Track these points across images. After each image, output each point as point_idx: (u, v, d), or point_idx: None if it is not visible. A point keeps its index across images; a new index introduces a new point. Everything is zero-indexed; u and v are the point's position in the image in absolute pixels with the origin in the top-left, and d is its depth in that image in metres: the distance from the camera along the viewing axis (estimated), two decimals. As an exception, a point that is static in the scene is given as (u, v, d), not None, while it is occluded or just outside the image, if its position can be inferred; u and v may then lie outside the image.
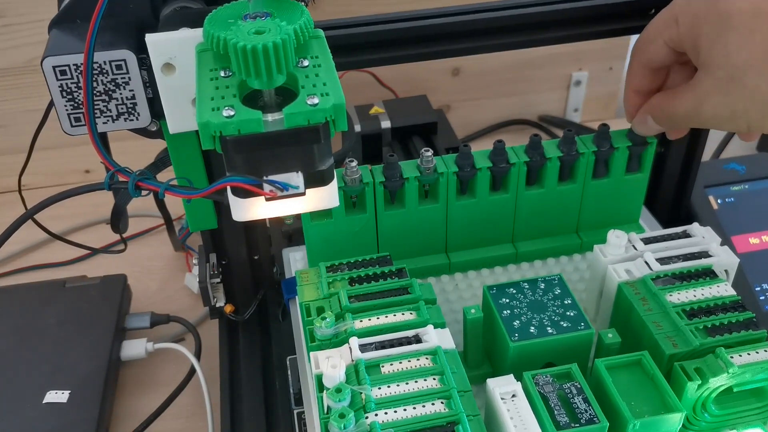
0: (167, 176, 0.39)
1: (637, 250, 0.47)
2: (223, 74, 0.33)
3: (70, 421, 0.53)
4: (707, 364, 0.39)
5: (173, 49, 0.37)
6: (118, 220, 0.47)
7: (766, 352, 0.39)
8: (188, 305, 0.67)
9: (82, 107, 0.40)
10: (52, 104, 0.40)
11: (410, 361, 0.39)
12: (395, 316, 0.41)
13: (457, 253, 0.53)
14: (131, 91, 0.40)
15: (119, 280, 0.64)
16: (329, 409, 0.36)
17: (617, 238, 0.47)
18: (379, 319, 0.41)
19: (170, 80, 0.39)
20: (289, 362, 0.53)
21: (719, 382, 0.38)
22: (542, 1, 0.49)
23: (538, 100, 0.90)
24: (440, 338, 0.40)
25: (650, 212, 0.59)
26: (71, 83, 0.39)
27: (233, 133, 0.31)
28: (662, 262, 0.46)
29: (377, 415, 0.36)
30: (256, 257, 0.57)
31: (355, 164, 0.48)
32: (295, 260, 0.56)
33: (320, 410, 0.36)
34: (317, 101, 0.31)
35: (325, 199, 0.35)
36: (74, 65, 0.38)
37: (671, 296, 0.43)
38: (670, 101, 0.46)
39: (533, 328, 0.43)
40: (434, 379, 0.38)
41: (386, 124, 0.75)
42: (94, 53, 0.36)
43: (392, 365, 0.39)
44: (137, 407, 0.58)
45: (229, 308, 0.57)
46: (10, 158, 0.79)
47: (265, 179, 0.33)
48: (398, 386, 0.38)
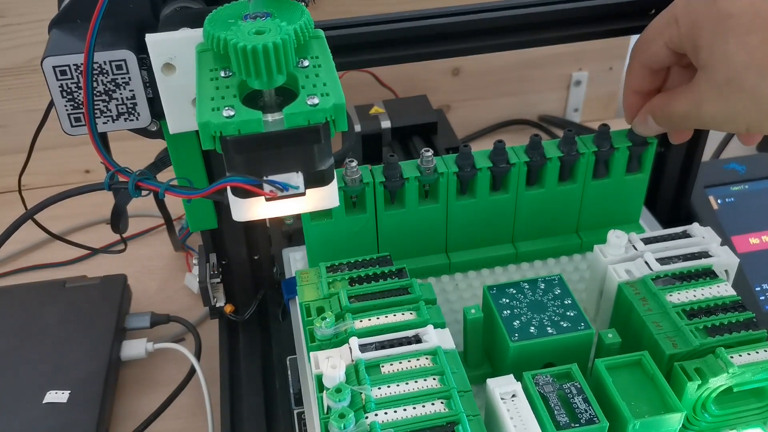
0: (167, 176, 0.39)
1: (637, 250, 0.47)
2: (223, 74, 0.33)
3: (70, 421, 0.53)
4: (707, 364, 0.39)
5: (173, 49, 0.37)
6: (118, 220, 0.47)
7: (766, 352, 0.39)
8: (188, 305, 0.67)
9: (82, 107, 0.39)
10: (52, 104, 0.40)
11: (410, 361, 0.39)
12: (395, 316, 0.41)
13: (457, 253, 0.53)
14: (131, 91, 0.40)
15: (119, 280, 0.64)
16: (329, 409, 0.36)
17: (617, 238, 0.47)
18: (379, 319, 0.41)
19: (170, 80, 0.38)
20: (289, 362, 0.53)
21: (719, 382, 0.38)
22: (542, 1, 0.49)
23: (538, 100, 0.90)
24: (440, 338, 0.40)
25: (650, 212, 0.59)
26: (71, 83, 0.39)
27: (233, 133, 0.31)
28: (662, 262, 0.46)
29: (377, 415, 0.36)
30: (256, 257, 0.57)
31: (355, 164, 0.48)
32: (295, 260, 0.56)
33: (320, 410, 0.36)
34: (317, 101, 0.31)
35: (325, 199, 0.35)
36: (74, 65, 0.38)
37: (671, 296, 0.43)
38: (669, 102, 0.46)
39: (533, 328, 0.43)
40: (434, 379, 0.38)
41: (386, 124, 0.75)
42: (94, 53, 0.36)
43: (392, 365, 0.39)
44: (137, 407, 0.58)
45: (229, 308, 0.57)
46: (10, 158, 0.79)
47: (265, 179, 0.33)
48: (398, 386, 0.38)
